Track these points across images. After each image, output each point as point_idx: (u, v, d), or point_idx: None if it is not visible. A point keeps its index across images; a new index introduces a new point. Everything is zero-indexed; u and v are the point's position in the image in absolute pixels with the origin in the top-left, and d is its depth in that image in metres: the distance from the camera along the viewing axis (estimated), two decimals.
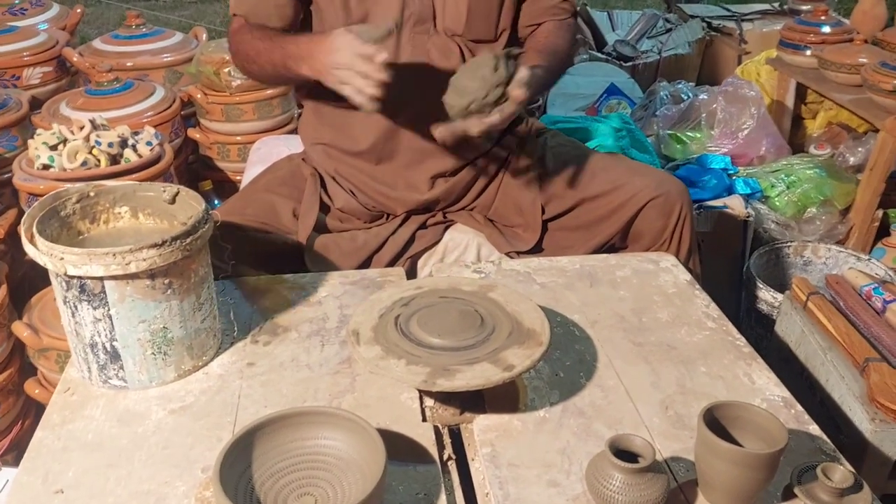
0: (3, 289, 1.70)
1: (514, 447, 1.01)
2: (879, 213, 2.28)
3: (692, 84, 2.93)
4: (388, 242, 1.55)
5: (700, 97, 2.60)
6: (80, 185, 1.18)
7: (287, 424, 0.94)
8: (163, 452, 1.01)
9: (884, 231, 2.26)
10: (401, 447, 1.01)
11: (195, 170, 2.49)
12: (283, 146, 2.00)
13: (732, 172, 2.33)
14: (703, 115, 2.53)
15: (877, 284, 1.58)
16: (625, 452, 0.89)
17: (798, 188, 2.28)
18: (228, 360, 1.18)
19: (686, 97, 2.72)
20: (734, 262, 2.18)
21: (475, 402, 1.09)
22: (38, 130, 1.83)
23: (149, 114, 2.15)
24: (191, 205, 1.18)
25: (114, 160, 1.76)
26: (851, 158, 2.47)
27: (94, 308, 1.05)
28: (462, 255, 1.59)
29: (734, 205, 2.14)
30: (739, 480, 0.88)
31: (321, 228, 1.54)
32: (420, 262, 1.59)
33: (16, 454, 1.70)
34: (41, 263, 1.04)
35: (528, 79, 1.26)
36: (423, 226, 1.59)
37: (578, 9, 1.58)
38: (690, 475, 0.96)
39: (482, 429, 1.05)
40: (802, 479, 0.91)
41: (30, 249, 1.05)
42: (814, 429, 1.05)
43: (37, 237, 1.06)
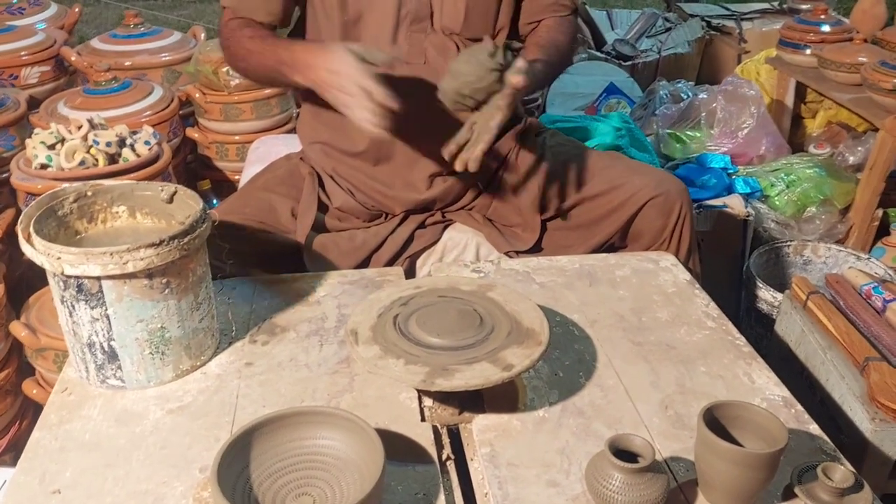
0: (1, 288, 1.69)
1: (514, 447, 1.01)
2: (879, 213, 2.28)
3: (692, 83, 2.92)
4: (387, 242, 1.55)
5: (700, 96, 2.59)
6: (78, 185, 1.18)
7: (285, 424, 0.94)
8: (161, 452, 1.00)
9: (883, 230, 2.26)
10: (399, 447, 1.01)
11: (193, 169, 2.49)
12: (282, 145, 2.00)
13: (732, 172, 2.32)
14: (703, 115, 2.52)
15: (877, 283, 1.57)
16: (624, 452, 0.88)
17: (798, 187, 2.28)
18: (227, 360, 1.18)
19: (685, 96, 2.71)
20: (734, 262, 2.17)
21: (474, 402, 1.08)
22: (36, 130, 1.82)
23: (147, 113, 2.15)
24: (189, 204, 1.18)
25: (112, 160, 1.76)
26: (851, 157, 2.47)
27: (92, 308, 1.05)
28: (461, 255, 1.58)
29: (734, 204, 2.14)
30: (739, 480, 0.88)
31: (320, 228, 1.53)
32: (419, 262, 1.58)
33: (14, 454, 1.69)
34: (38, 263, 1.04)
35: (527, 68, 1.26)
36: (422, 225, 1.58)
37: (578, 7, 1.58)
38: (690, 475, 0.96)
39: (481, 429, 1.05)
40: (803, 479, 0.90)
41: (27, 249, 1.05)
42: (814, 428, 1.05)
43: (34, 237, 1.05)
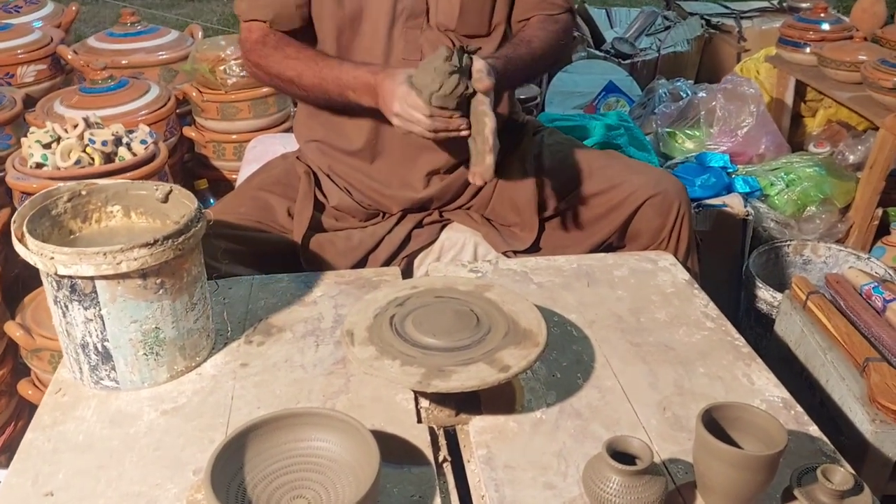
0: None
1: (510, 449, 1.00)
2: (879, 212, 2.28)
3: (691, 82, 2.91)
4: (384, 241, 1.54)
5: (699, 95, 2.58)
6: (72, 184, 1.17)
7: (280, 426, 0.93)
8: (154, 454, 1.00)
9: (884, 229, 2.25)
10: (395, 449, 1.00)
11: (190, 168, 2.48)
12: (279, 144, 1.99)
13: (731, 171, 2.32)
14: (702, 113, 2.51)
15: (877, 283, 1.56)
16: (622, 454, 0.87)
17: (797, 186, 2.27)
18: (222, 361, 1.17)
19: (685, 95, 2.70)
20: (733, 261, 2.17)
21: (471, 403, 1.07)
22: (32, 129, 1.82)
23: (143, 112, 2.14)
24: (184, 203, 1.17)
25: (108, 159, 1.75)
26: (851, 156, 2.46)
27: (86, 308, 1.04)
28: (459, 255, 1.57)
29: (733, 203, 2.13)
30: (738, 483, 0.87)
31: (316, 227, 1.52)
32: (416, 262, 1.57)
33: (9, 455, 1.67)
34: (31, 263, 1.03)
35: (487, 68, 1.25)
36: (420, 225, 1.57)
37: (576, 6, 1.56)
38: (689, 477, 0.95)
39: (478, 430, 1.04)
40: (802, 481, 0.89)
41: (20, 249, 1.04)
42: (813, 430, 1.04)
43: (27, 236, 1.04)
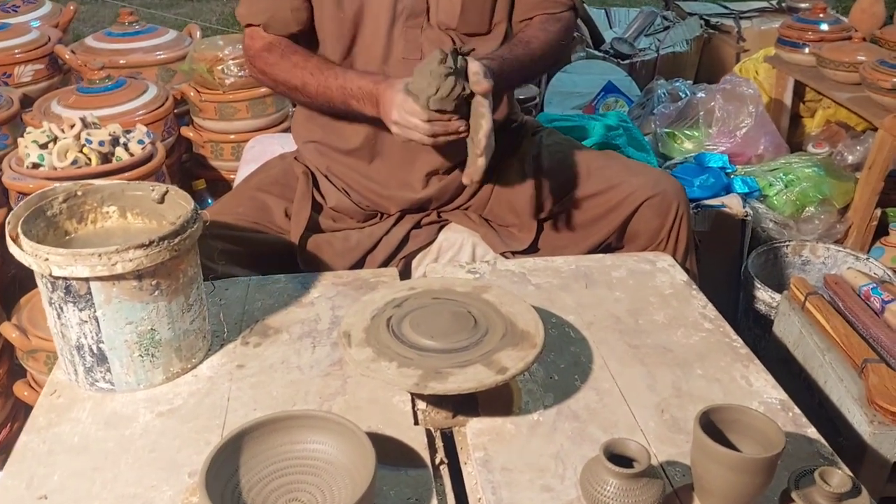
0: None
1: (508, 451, 1.00)
2: (878, 212, 2.27)
3: (690, 82, 2.91)
4: (382, 242, 1.53)
5: (698, 95, 2.58)
6: (67, 185, 1.16)
7: (275, 429, 0.92)
8: (149, 456, 0.99)
9: (882, 230, 2.25)
10: (392, 451, 0.99)
11: (189, 168, 2.47)
12: (277, 145, 1.98)
13: (730, 171, 2.31)
14: (701, 114, 2.51)
15: (875, 284, 1.56)
16: (619, 457, 0.87)
17: (796, 187, 2.26)
18: (218, 362, 1.17)
19: (684, 95, 2.70)
20: (732, 262, 2.16)
21: (468, 405, 1.07)
22: (28, 129, 1.81)
23: (141, 112, 2.13)
24: (180, 204, 1.16)
25: (105, 159, 1.74)
26: (850, 157, 2.45)
27: (80, 310, 1.04)
28: (457, 255, 1.57)
29: (732, 204, 2.12)
30: (736, 485, 0.87)
31: (314, 228, 1.52)
32: (414, 262, 1.57)
33: (5, 457, 1.67)
34: (26, 264, 1.03)
35: (483, 70, 1.24)
36: (418, 225, 1.57)
37: (576, 5, 1.55)
38: (686, 480, 0.95)
39: (475, 432, 1.03)
40: (800, 484, 0.89)
41: (14, 250, 1.04)
42: (812, 432, 1.03)
43: (21, 237, 1.04)
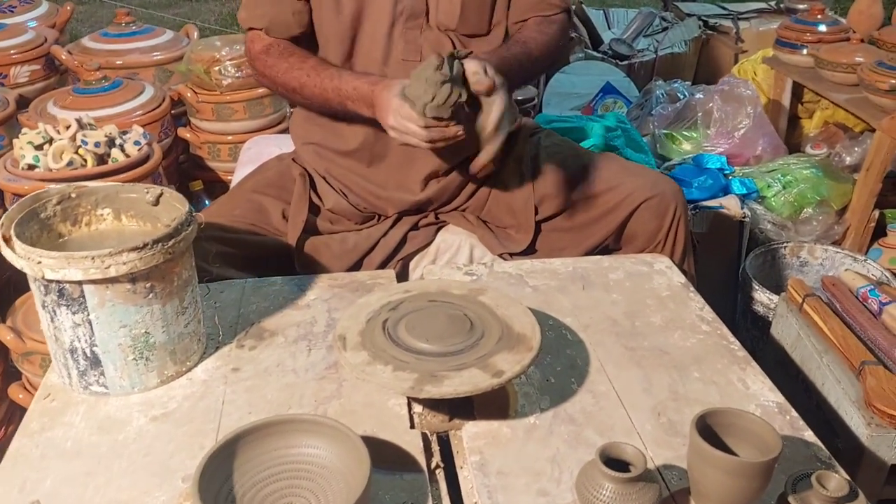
0: None
1: (504, 455, 0.99)
2: (876, 214, 2.27)
3: (688, 83, 2.91)
4: (380, 244, 1.53)
5: (696, 96, 2.58)
6: (61, 187, 1.15)
7: (269, 433, 0.92)
8: (143, 460, 0.98)
9: (880, 231, 2.25)
10: (388, 455, 0.99)
11: (186, 170, 2.47)
12: (275, 146, 1.97)
13: (728, 172, 2.31)
14: (699, 115, 2.51)
15: (873, 286, 1.56)
16: (616, 461, 0.87)
17: (794, 188, 2.26)
18: (213, 366, 1.16)
19: (682, 96, 2.70)
20: (730, 264, 2.16)
21: (464, 409, 1.06)
22: (24, 130, 1.80)
23: (138, 113, 2.13)
24: (175, 206, 1.16)
25: (101, 160, 1.74)
26: (848, 158, 2.45)
27: (74, 313, 1.03)
28: (454, 257, 1.56)
29: (730, 205, 2.12)
30: (733, 490, 0.86)
31: (311, 230, 1.51)
32: (412, 264, 1.56)
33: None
34: (18, 267, 1.02)
35: (482, 66, 1.23)
36: (415, 227, 1.56)
37: (574, 7, 1.55)
38: (683, 483, 0.94)
39: (471, 436, 1.03)
40: (797, 488, 0.88)
41: (6, 252, 1.03)
42: (809, 435, 1.03)
43: (14, 240, 1.03)
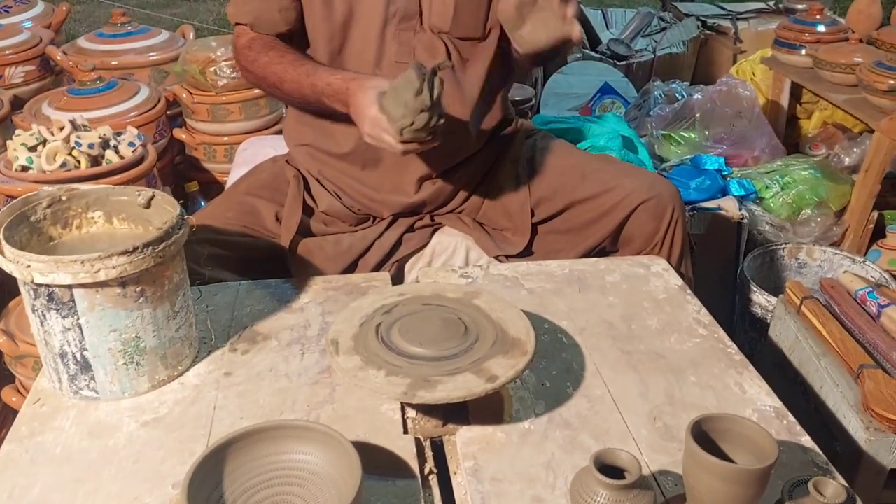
0: None
1: (498, 461, 0.98)
2: (875, 215, 2.26)
3: (687, 83, 2.90)
4: (375, 246, 1.52)
5: (694, 97, 2.57)
6: (52, 189, 1.14)
7: (260, 439, 0.91)
8: (133, 466, 0.97)
9: (879, 233, 2.24)
10: (380, 461, 0.98)
11: (181, 171, 2.46)
12: (270, 147, 1.96)
13: (726, 173, 2.30)
14: (698, 115, 2.50)
15: (871, 288, 1.55)
16: (610, 467, 0.86)
17: (793, 189, 2.25)
18: (205, 370, 1.15)
19: (680, 97, 2.69)
20: (728, 265, 2.15)
21: (459, 413, 1.05)
22: (18, 131, 1.79)
23: (133, 114, 2.12)
24: (166, 209, 1.15)
25: (95, 161, 1.73)
26: (847, 159, 2.44)
27: (63, 317, 1.02)
28: (450, 259, 1.55)
29: (728, 206, 2.11)
30: (728, 497, 0.85)
31: (305, 232, 1.50)
32: (407, 267, 1.55)
33: None
34: (8, 271, 1.01)
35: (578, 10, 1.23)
36: (411, 229, 1.55)
37: None
38: (679, 489, 0.93)
39: (465, 441, 1.02)
40: (794, 494, 0.87)
41: None
42: (806, 440, 1.02)
43: (3, 243, 1.02)
